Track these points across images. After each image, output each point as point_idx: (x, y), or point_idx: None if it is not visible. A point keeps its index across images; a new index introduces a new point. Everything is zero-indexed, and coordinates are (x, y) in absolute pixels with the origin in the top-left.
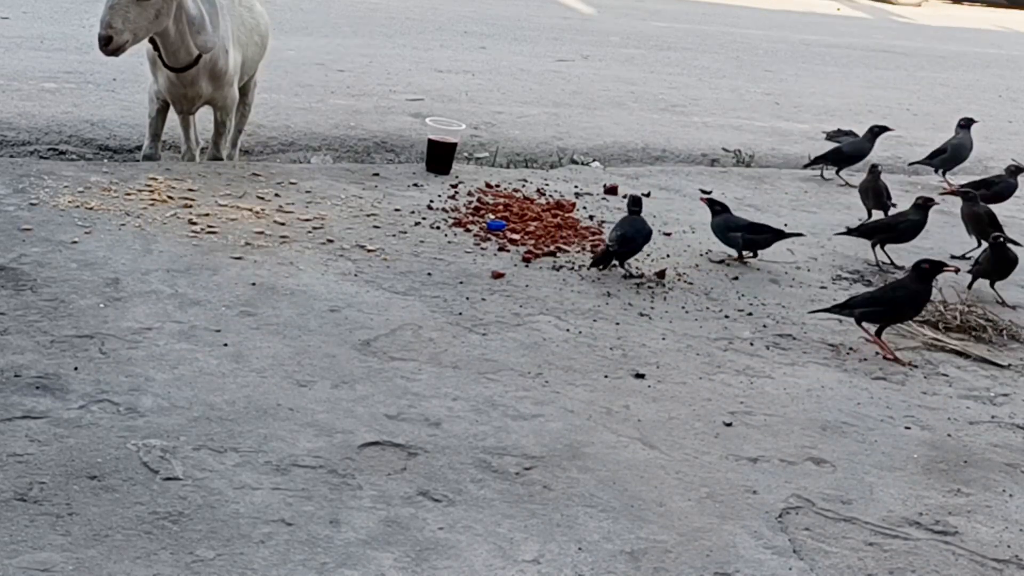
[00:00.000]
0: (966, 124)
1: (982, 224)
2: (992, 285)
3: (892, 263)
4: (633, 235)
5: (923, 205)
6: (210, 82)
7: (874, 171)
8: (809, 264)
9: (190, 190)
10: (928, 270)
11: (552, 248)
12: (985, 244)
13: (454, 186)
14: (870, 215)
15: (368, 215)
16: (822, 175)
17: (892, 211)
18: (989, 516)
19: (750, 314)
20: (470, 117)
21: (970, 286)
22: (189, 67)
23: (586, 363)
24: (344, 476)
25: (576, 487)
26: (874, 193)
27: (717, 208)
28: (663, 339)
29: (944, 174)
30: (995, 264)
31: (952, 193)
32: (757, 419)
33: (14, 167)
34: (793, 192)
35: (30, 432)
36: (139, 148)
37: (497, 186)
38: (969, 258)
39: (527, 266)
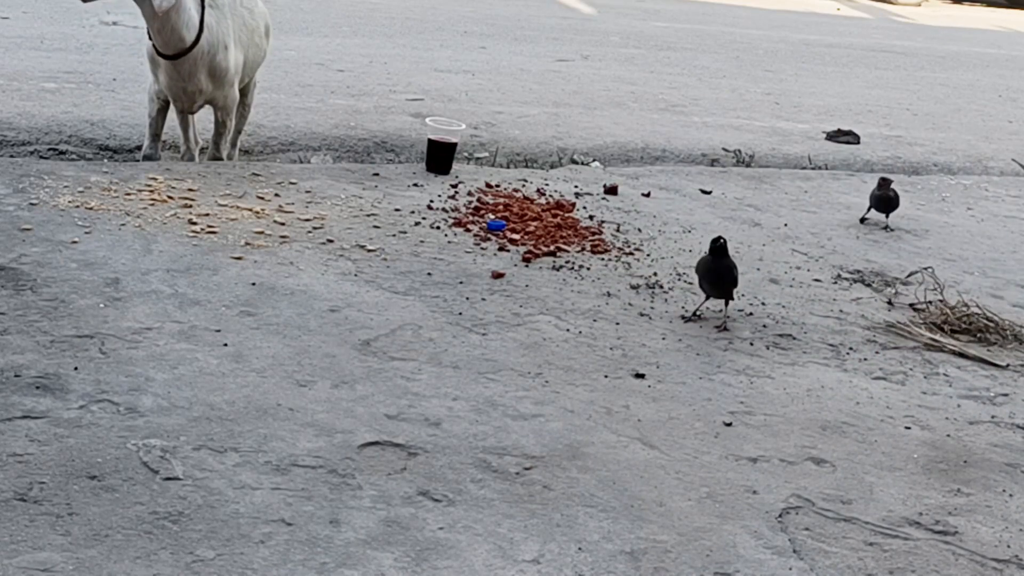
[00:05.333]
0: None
1: None
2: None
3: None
4: None
5: None
6: (209, 79)
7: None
8: (809, 264)
9: (190, 190)
10: None
11: (552, 248)
12: None
13: (454, 186)
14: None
15: (368, 215)
16: None
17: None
18: (989, 516)
19: (750, 314)
20: (470, 117)
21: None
22: (182, 55)
23: (586, 363)
24: (344, 476)
25: (576, 487)
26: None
27: None
28: (663, 339)
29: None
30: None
31: None
32: (757, 419)
33: (14, 167)
34: (793, 192)
35: (30, 432)
36: (139, 148)
37: (497, 186)
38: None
39: (527, 266)
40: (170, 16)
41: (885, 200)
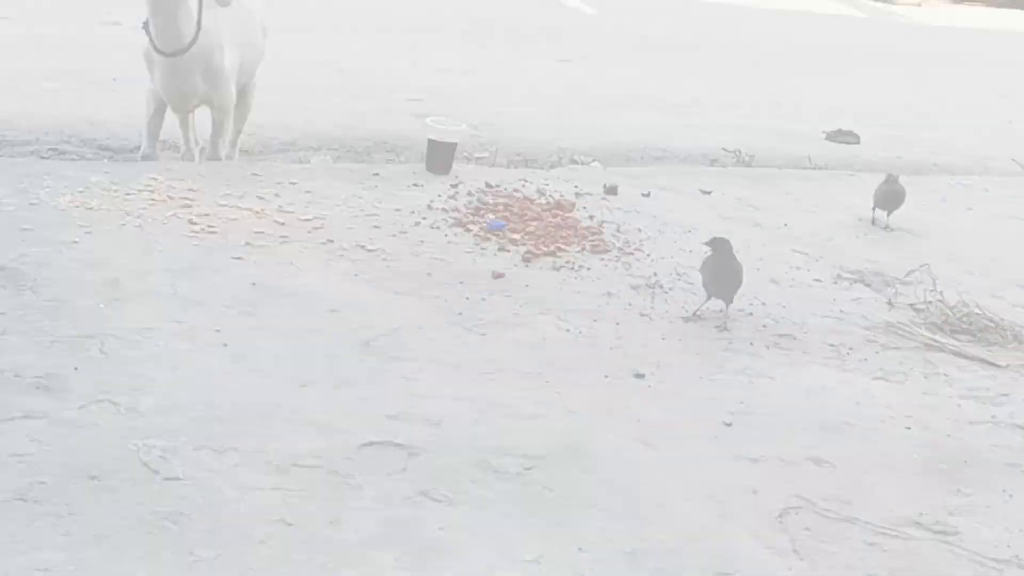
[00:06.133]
0: None
1: None
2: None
3: None
4: None
5: None
6: (205, 79)
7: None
8: (809, 264)
9: (190, 190)
10: None
11: (552, 248)
12: None
13: (454, 186)
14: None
15: (368, 215)
16: None
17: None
18: (989, 516)
19: (750, 314)
20: (470, 117)
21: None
22: (180, 53)
23: (586, 363)
24: (344, 476)
25: (576, 487)
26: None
27: None
28: (663, 339)
29: None
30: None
31: None
32: (757, 419)
33: (14, 167)
34: (793, 192)
35: (30, 432)
36: (139, 148)
37: (497, 186)
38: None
39: (527, 266)
40: (177, 12)
41: (892, 195)
